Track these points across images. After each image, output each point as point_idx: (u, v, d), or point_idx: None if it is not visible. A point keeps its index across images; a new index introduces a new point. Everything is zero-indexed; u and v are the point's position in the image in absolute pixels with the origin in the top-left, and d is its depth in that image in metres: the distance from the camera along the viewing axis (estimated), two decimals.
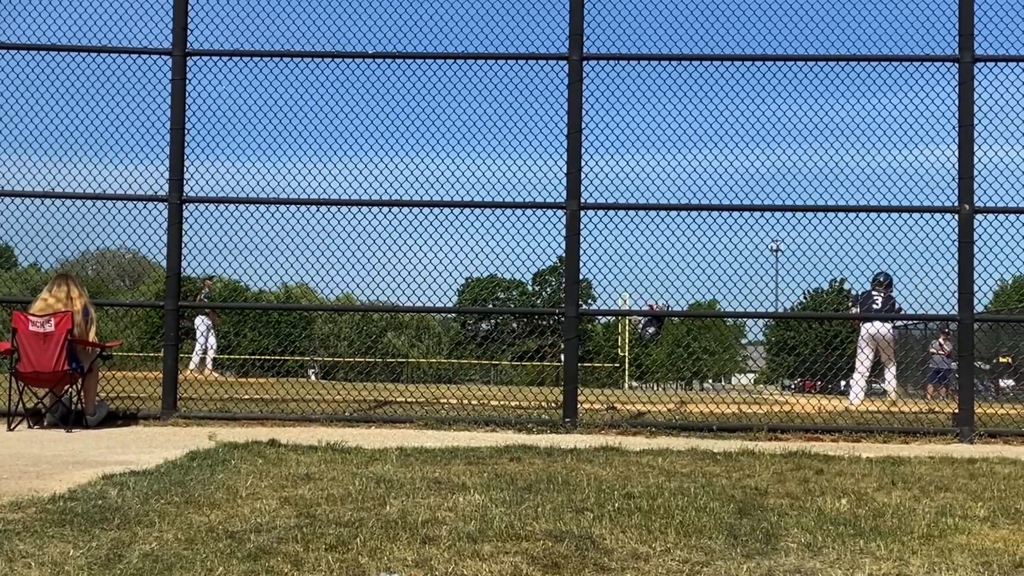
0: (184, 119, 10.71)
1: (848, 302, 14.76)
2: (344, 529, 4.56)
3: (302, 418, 10.54)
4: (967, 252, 10.19)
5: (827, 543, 4.55)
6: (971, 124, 10.23)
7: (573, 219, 10.48)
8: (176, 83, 10.75)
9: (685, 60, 10.71)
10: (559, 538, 4.47)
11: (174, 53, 10.81)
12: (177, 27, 10.82)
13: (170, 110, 10.75)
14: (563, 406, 10.46)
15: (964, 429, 10.00)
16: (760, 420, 10.71)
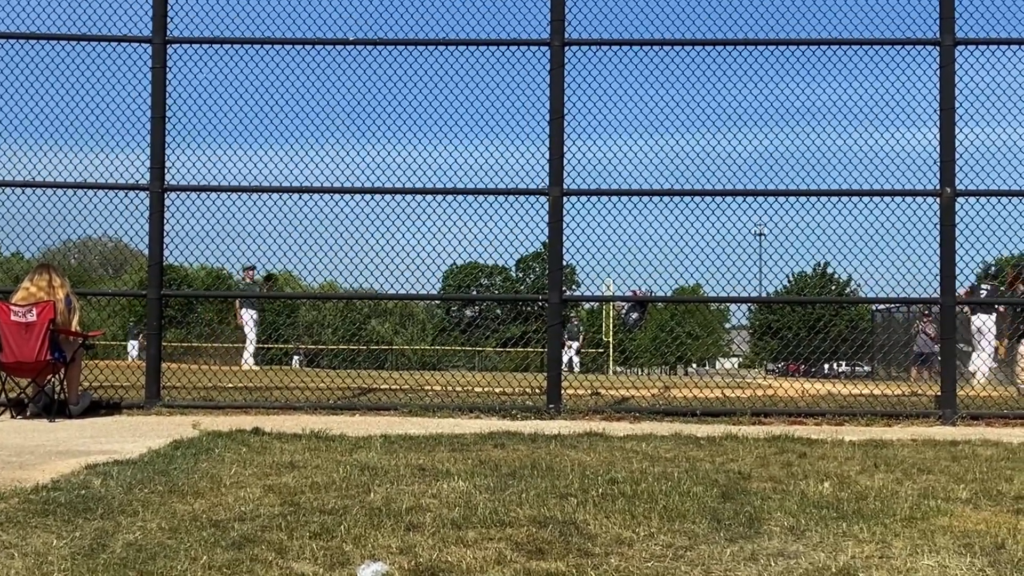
0: (165, 107, 10.67)
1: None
2: (328, 517, 4.56)
3: (286, 406, 10.54)
4: (949, 235, 10.22)
5: (810, 526, 4.57)
6: (952, 108, 10.25)
7: (556, 205, 10.48)
8: (156, 71, 10.71)
9: (667, 45, 10.70)
10: (543, 524, 4.48)
11: (154, 41, 10.76)
12: (157, 15, 10.77)
13: (151, 98, 10.71)
14: (547, 392, 10.47)
15: (947, 412, 10.05)
16: (743, 404, 10.74)
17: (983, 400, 10.90)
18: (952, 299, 10.26)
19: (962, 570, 3.83)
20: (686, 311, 61.99)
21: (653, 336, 63.48)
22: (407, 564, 3.79)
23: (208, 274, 45.31)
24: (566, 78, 10.61)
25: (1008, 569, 3.85)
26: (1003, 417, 10.17)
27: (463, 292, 71.85)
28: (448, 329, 63.93)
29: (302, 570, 3.71)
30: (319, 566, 3.77)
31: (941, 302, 10.35)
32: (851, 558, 4.01)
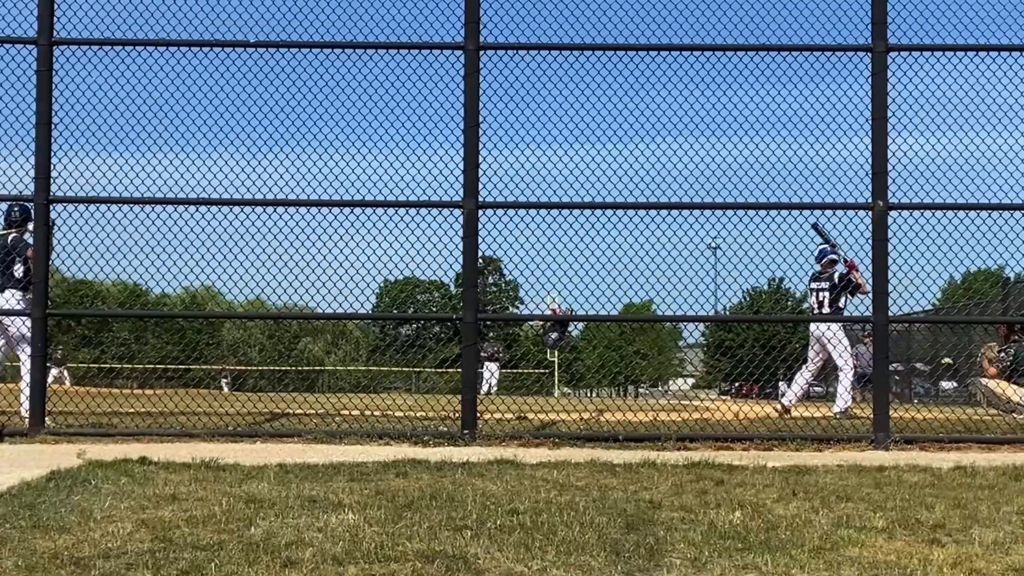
0: (51, 113, 10.54)
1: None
2: (201, 553, 4.53)
3: (182, 433, 10.44)
4: (881, 251, 10.35)
5: (713, 558, 4.61)
6: (885, 117, 10.39)
7: (471, 219, 10.49)
8: (42, 74, 10.58)
9: (588, 50, 10.76)
10: (430, 559, 4.48)
11: (39, 42, 10.63)
12: (43, 15, 10.63)
13: (36, 103, 10.58)
14: (461, 417, 10.46)
15: (879, 436, 10.17)
16: (669, 429, 10.80)
17: (918, 423, 11.03)
18: (885, 317, 10.39)
19: None
20: (637, 329, 62.21)
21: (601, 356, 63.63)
22: None
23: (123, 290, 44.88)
24: (483, 84, 10.64)
25: None
26: (938, 441, 10.30)
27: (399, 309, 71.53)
28: (382, 348, 63.70)
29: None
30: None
31: (874, 320, 10.48)
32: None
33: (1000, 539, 5.13)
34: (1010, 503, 6.27)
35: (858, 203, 10.52)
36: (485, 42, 10.66)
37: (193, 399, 12.49)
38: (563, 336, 11.91)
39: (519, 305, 79.90)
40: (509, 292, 79.52)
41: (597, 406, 15.51)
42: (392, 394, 24.85)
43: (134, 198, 10.66)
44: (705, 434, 10.63)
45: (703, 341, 54.17)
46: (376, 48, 10.79)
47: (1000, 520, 5.68)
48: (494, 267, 79.83)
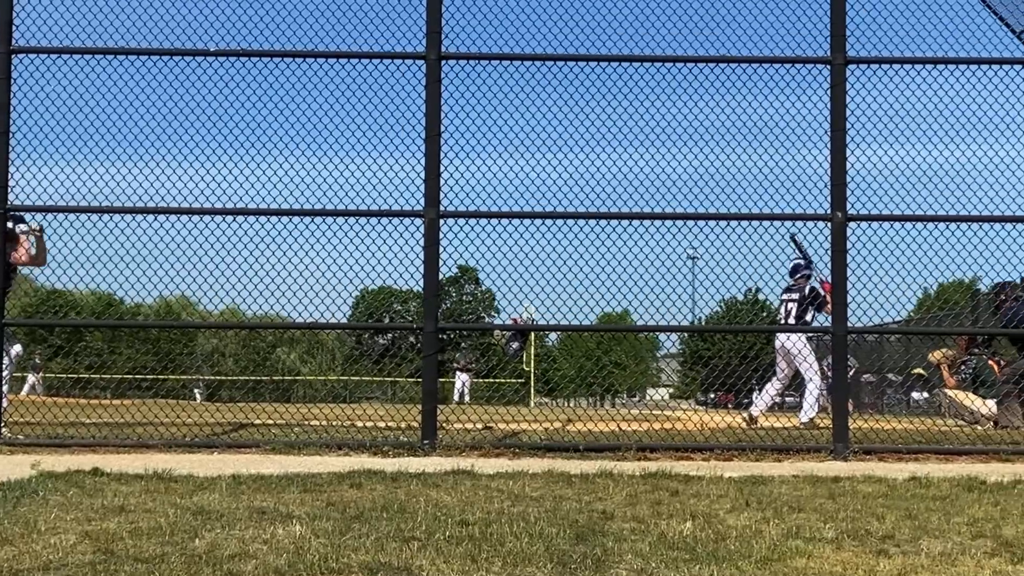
0: (8, 123, 10.46)
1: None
2: (142, 565, 4.48)
3: (139, 444, 10.35)
4: (840, 262, 10.38)
5: (659, 569, 4.59)
6: (843, 129, 10.43)
7: (431, 228, 10.47)
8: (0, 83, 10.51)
9: (550, 60, 10.76)
10: (374, 571, 4.44)
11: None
12: (1, 22, 10.56)
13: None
14: (422, 427, 10.42)
15: (839, 446, 10.18)
16: (630, 439, 10.78)
17: (876, 434, 11.05)
18: (844, 328, 10.41)
19: None
20: (613, 339, 62.27)
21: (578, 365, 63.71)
22: None
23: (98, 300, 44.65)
24: (445, 94, 10.63)
25: None
26: (896, 451, 10.33)
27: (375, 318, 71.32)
28: (357, 358, 63.55)
29: None
30: None
31: (832, 331, 10.51)
32: None
33: (948, 550, 5.13)
34: (961, 514, 6.27)
35: (817, 214, 10.54)
36: (446, 52, 10.64)
37: (161, 409, 12.38)
38: (523, 346, 11.84)
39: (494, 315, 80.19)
40: (485, 302, 79.56)
41: (568, 416, 15.48)
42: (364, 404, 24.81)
43: (92, 207, 10.59)
44: (666, 444, 10.61)
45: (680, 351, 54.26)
46: (337, 58, 10.76)
47: (950, 531, 5.68)
48: (471, 277, 79.85)
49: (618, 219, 10.75)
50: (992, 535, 5.56)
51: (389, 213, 10.68)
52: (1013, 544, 5.29)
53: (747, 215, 10.63)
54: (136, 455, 9.74)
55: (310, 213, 10.70)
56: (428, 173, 10.51)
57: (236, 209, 10.64)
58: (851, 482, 7.73)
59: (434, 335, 10.52)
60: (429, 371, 10.61)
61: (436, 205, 10.48)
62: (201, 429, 11.41)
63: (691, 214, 10.66)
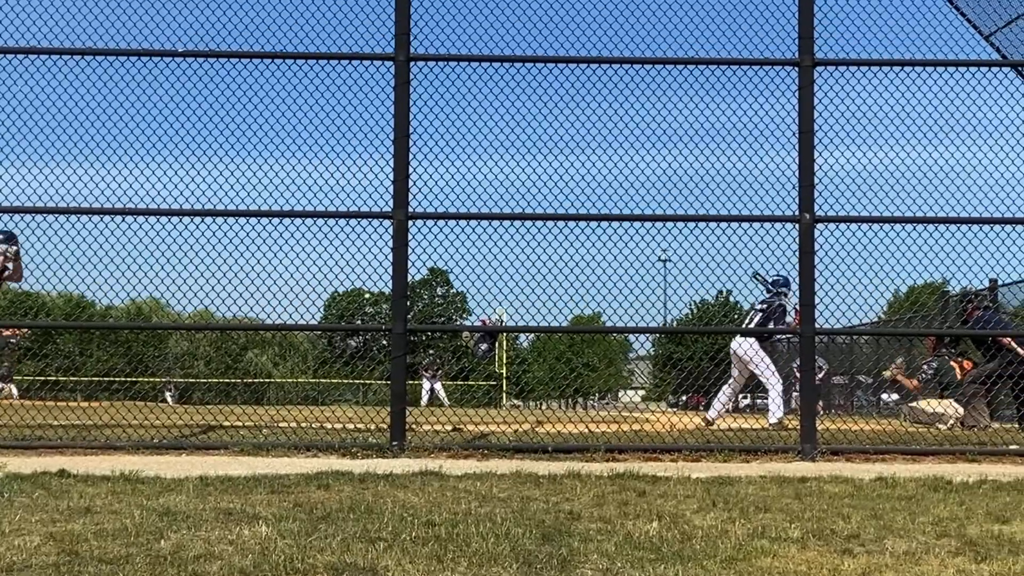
0: None
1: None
2: (106, 566, 4.46)
3: (107, 446, 10.30)
4: (808, 263, 10.44)
5: (625, 569, 4.60)
6: (811, 131, 10.49)
7: (400, 229, 10.47)
8: None
9: (518, 62, 10.78)
10: (340, 571, 4.44)
11: None
12: None
13: None
14: (391, 428, 10.41)
15: (806, 447, 10.23)
16: (599, 440, 10.80)
17: (844, 434, 11.11)
18: (811, 329, 10.47)
19: None
20: (584, 341, 62.29)
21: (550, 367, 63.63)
22: None
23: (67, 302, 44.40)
24: (414, 95, 10.63)
25: None
26: (864, 452, 10.39)
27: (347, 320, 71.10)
28: (330, 361, 63.34)
29: None
30: None
31: (800, 332, 10.55)
32: None
33: (912, 549, 5.16)
34: (926, 514, 6.31)
35: (785, 216, 10.60)
36: (415, 53, 10.65)
37: (129, 411, 12.29)
38: (492, 348, 11.85)
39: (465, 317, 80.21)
40: (456, 304, 79.53)
41: (538, 417, 15.49)
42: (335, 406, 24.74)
43: (60, 208, 10.54)
44: (634, 445, 10.64)
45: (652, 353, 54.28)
46: (306, 59, 10.76)
47: (915, 530, 5.72)
48: (441, 279, 79.77)
49: (588, 220, 10.78)
50: (956, 535, 5.60)
51: (358, 215, 10.67)
52: (977, 543, 5.33)
53: (716, 216, 10.67)
54: (104, 457, 9.69)
55: (279, 215, 10.69)
56: (397, 174, 10.51)
57: (205, 211, 10.62)
58: (818, 482, 7.77)
59: (403, 336, 10.52)
60: (398, 373, 10.60)
61: (405, 206, 10.48)
62: (169, 431, 11.37)
63: (661, 216, 10.70)
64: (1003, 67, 11.61)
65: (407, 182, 10.50)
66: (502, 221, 10.76)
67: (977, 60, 11.18)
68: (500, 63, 10.79)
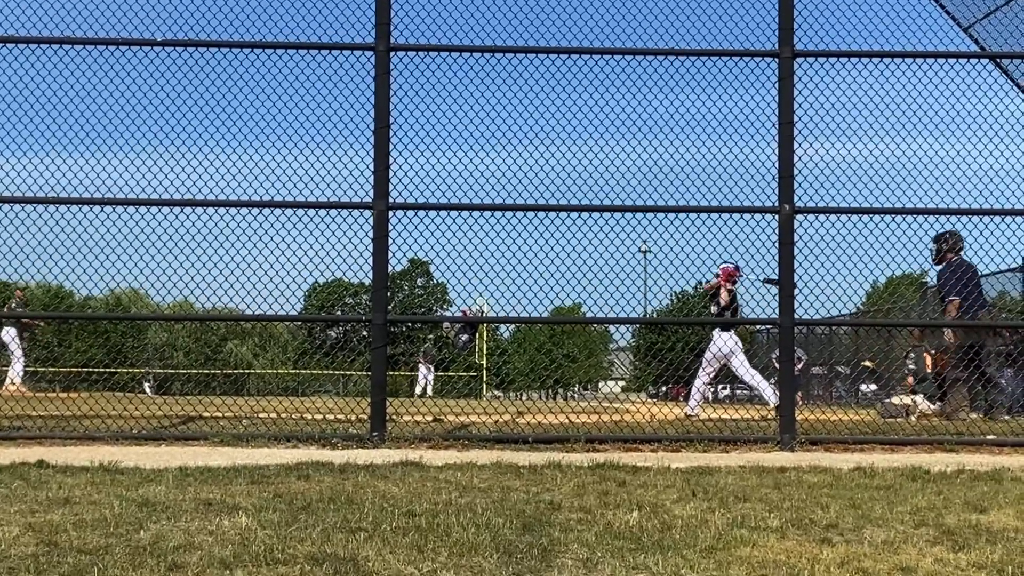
0: None
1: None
2: (85, 557, 4.45)
3: (86, 436, 10.27)
4: (787, 254, 10.46)
5: (605, 558, 4.61)
6: (791, 122, 10.51)
7: (380, 219, 10.46)
8: None
9: (499, 52, 10.77)
10: (320, 561, 4.43)
11: None
12: None
13: None
14: (371, 419, 10.40)
15: (785, 437, 10.27)
16: (579, 431, 10.82)
17: (823, 424, 11.15)
18: (790, 319, 10.49)
19: None
20: (564, 332, 62.36)
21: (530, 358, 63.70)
22: None
23: (45, 292, 44.25)
24: (394, 85, 10.62)
25: None
26: (842, 442, 10.43)
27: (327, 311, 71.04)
28: (310, 352, 63.34)
29: None
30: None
31: (780, 323, 10.58)
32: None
33: (890, 538, 5.19)
34: (904, 503, 6.34)
35: (765, 207, 10.62)
36: (396, 43, 10.63)
37: (108, 402, 12.26)
38: (473, 338, 11.85)
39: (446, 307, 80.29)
40: (437, 295, 79.48)
41: (519, 408, 15.51)
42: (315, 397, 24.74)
43: (38, 198, 10.52)
44: (615, 436, 10.66)
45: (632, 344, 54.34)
46: (286, 48, 10.73)
47: (893, 520, 5.75)
48: (422, 270, 79.76)
49: (568, 212, 10.79)
50: (934, 524, 5.62)
51: (338, 205, 10.66)
52: (955, 532, 5.36)
53: (696, 208, 10.69)
54: (83, 447, 9.66)
55: (259, 205, 10.65)
56: (377, 165, 10.50)
57: (185, 200, 10.59)
58: (797, 472, 7.80)
59: (383, 327, 10.51)
60: (378, 363, 10.59)
61: (385, 197, 10.47)
62: (149, 422, 11.34)
63: (641, 207, 10.71)
64: (982, 59, 11.64)
65: (388, 172, 10.49)
66: (483, 212, 10.76)
67: (956, 52, 11.22)
68: (481, 53, 10.78)
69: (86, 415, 11.41)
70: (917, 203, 10.75)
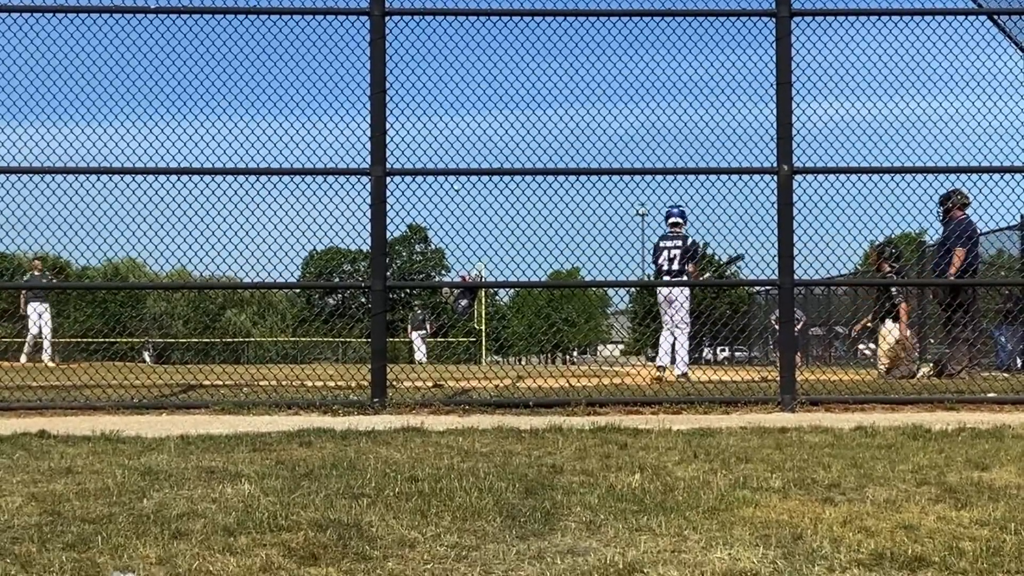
0: None
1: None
2: (89, 526, 4.45)
3: (86, 406, 10.29)
4: (786, 214, 10.44)
5: (608, 521, 4.62)
6: (789, 82, 10.47)
7: (378, 185, 10.43)
8: None
9: (494, 15, 10.73)
10: (323, 527, 4.44)
11: None
12: None
13: None
14: (371, 386, 10.41)
15: (785, 397, 10.28)
16: (580, 394, 10.83)
17: (823, 384, 11.17)
18: (790, 280, 10.48)
19: (753, 562, 3.90)
20: (563, 296, 62.40)
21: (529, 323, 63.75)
22: (163, 575, 3.72)
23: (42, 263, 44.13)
24: (388, 50, 10.57)
25: (800, 561, 3.93)
26: (843, 402, 10.44)
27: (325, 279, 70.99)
28: (309, 320, 63.36)
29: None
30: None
31: (779, 283, 10.57)
32: (642, 553, 4.05)
33: (892, 497, 5.20)
34: (906, 462, 6.35)
35: (763, 167, 10.59)
36: (390, 7, 10.59)
37: (108, 372, 12.25)
38: (472, 303, 11.86)
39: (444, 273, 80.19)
40: (435, 260, 79.46)
41: (519, 372, 15.51)
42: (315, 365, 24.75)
43: (35, 167, 10.50)
44: (615, 399, 10.68)
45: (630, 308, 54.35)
46: (280, 14, 10.68)
47: (895, 479, 5.76)
48: (420, 236, 79.70)
49: (566, 175, 10.76)
50: (936, 482, 5.63)
51: (335, 171, 10.63)
52: (957, 490, 5.37)
53: (694, 169, 10.66)
54: (84, 417, 9.68)
55: (255, 172, 10.62)
56: (374, 130, 10.46)
57: (181, 168, 10.56)
58: (798, 432, 7.81)
59: (382, 293, 10.50)
60: (378, 329, 10.59)
61: (383, 163, 10.44)
62: (149, 391, 11.36)
63: (639, 169, 10.69)
64: (979, 15, 11.58)
65: (384, 138, 10.46)
66: (480, 176, 10.74)
67: (953, 8, 11.14)
68: (476, 16, 10.72)
69: (86, 385, 11.41)
70: (916, 162, 10.72)
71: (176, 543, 4.17)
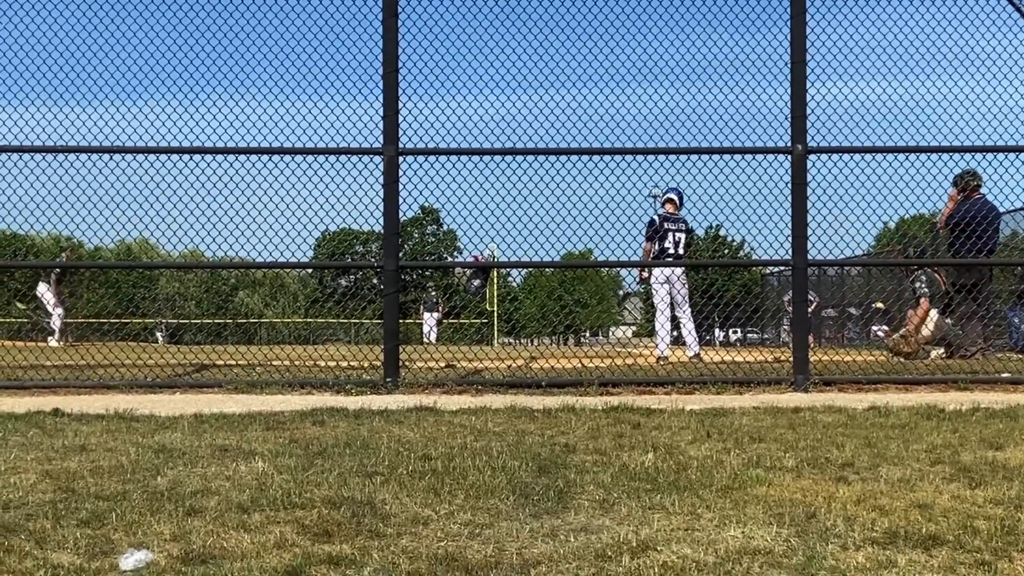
0: None
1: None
2: (104, 503, 4.47)
3: (100, 385, 10.31)
4: (800, 194, 10.40)
5: (621, 499, 4.62)
6: (803, 61, 10.42)
7: (391, 165, 10.42)
8: None
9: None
10: (337, 505, 4.45)
11: None
12: None
13: None
14: (384, 365, 10.42)
15: (799, 378, 10.26)
16: (592, 375, 10.82)
17: (836, 365, 11.15)
18: (804, 260, 10.45)
19: (767, 540, 3.91)
20: (575, 277, 62.37)
21: (541, 305, 63.79)
22: (177, 551, 3.73)
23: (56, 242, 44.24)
24: (401, 29, 10.54)
25: (814, 539, 3.93)
26: (856, 382, 10.42)
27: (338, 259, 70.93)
28: (321, 300, 63.31)
29: (60, 560, 3.63)
30: (80, 556, 3.69)
31: (793, 264, 10.54)
32: (655, 531, 4.06)
33: (906, 476, 5.19)
34: (919, 441, 6.34)
35: (777, 147, 10.55)
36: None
37: (122, 351, 12.28)
38: (485, 284, 11.84)
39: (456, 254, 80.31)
40: (447, 241, 79.48)
41: (531, 353, 15.52)
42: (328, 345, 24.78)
43: (48, 147, 10.50)
44: (628, 379, 10.66)
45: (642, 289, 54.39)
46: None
47: (908, 458, 5.75)
48: (432, 217, 79.69)
49: (579, 155, 10.73)
50: (950, 461, 5.62)
51: (348, 151, 10.61)
52: (971, 470, 5.36)
53: (707, 149, 10.63)
54: (97, 396, 9.70)
55: (268, 151, 10.62)
56: (387, 110, 10.44)
57: (194, 148, 10.56)
58: (811, 412, 7.80)
59: (395, 273, 10.50)
60: (390, 310, 10.59)
61: (395, 142, 10.43)
62: (163, 370, 11.37)
63: (651, 148, 10.65)
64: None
65: (397, 118, 10.44)
66: (493, 156, 10.73)
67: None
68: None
69: (100, 364, 11.43)
70: (931, 142, 10.68)
71: (190, 520, 4.19)
